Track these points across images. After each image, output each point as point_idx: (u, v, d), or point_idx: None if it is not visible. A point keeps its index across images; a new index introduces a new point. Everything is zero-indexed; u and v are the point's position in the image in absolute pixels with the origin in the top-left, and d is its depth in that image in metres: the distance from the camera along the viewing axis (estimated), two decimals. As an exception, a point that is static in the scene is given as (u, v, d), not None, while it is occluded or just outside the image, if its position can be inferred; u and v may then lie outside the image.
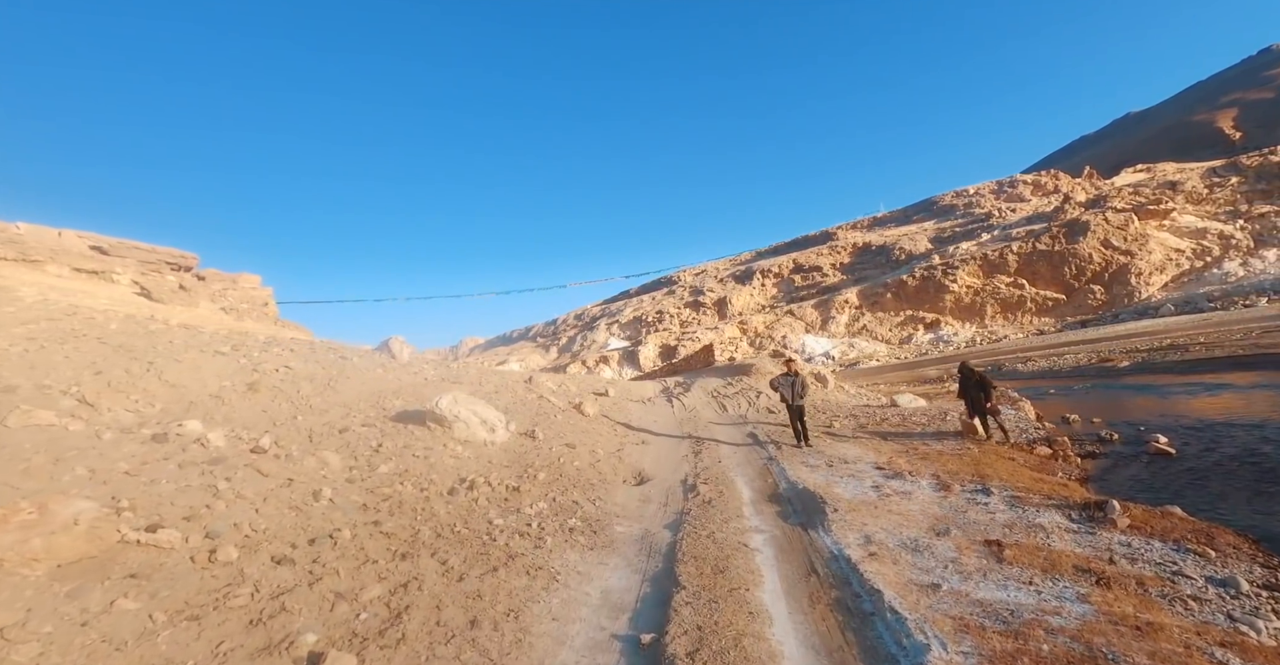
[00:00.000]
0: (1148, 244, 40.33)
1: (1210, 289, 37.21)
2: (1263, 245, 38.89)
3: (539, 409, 10.17)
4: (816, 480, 7.30)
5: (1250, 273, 37.52)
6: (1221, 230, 39.99)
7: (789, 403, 9.53)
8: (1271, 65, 74.17)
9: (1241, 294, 34.37)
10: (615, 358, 49.90)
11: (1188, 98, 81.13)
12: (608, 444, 9.28)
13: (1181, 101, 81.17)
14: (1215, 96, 71.40)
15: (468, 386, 10.28)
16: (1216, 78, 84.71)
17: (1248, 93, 68.66)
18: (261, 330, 19.86)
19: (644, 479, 7.91)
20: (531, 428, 8.67)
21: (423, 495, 5.79)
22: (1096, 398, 13.30)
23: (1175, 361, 15.80)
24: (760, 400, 14.52)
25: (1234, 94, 69.10)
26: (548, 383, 13.29)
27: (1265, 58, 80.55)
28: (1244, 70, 79.24)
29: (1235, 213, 40.24)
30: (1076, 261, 40.87)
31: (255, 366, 8.40)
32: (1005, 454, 8.37)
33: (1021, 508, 5.92)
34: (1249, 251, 38.76)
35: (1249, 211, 40.02)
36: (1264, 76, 70.85)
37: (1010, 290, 42.14)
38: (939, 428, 10.34)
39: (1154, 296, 39.30)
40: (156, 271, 24.66)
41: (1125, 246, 40.44)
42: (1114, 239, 40.61)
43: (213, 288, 26.82)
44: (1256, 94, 67.62)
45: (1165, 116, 75.82)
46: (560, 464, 7.50)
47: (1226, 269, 38.39)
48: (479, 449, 7.31)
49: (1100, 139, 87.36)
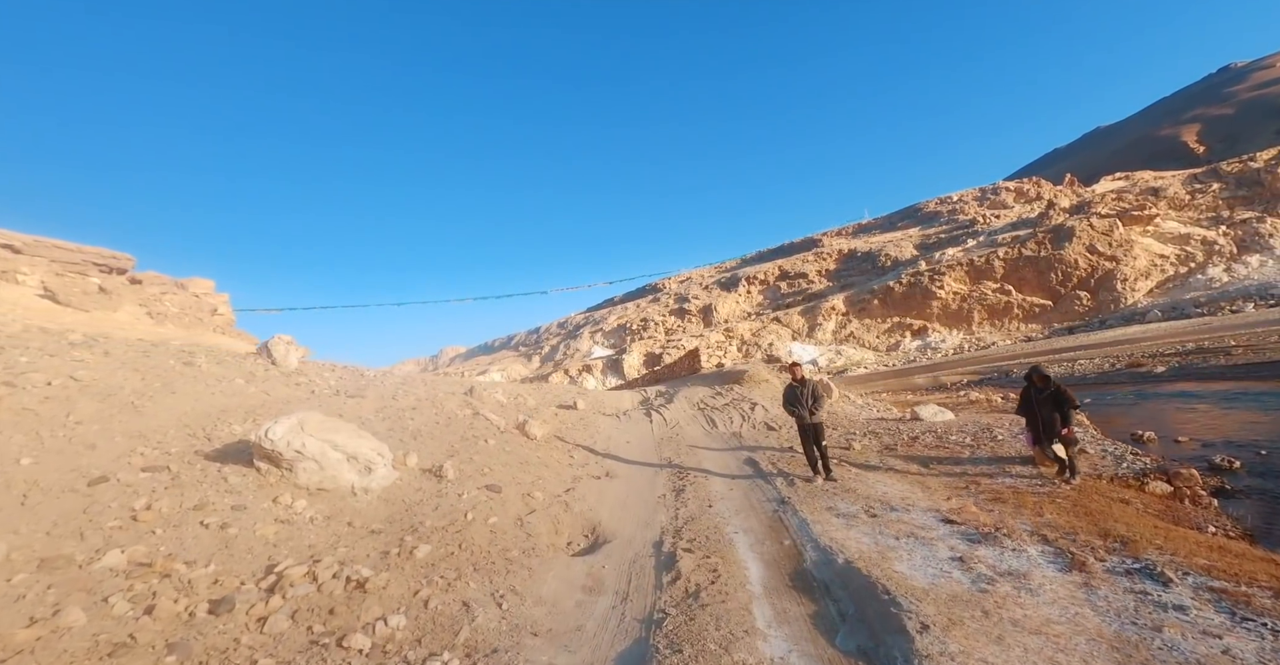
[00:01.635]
0: (1132, 250, 38.86)
1: (1196, 294, 35.77)
2: (1246, 251, 37.61)
3: (467, 431, 7.29)
4: (861, 546, 4.56)
5: (1235, 278, 36.16)
6: (1204, 236, 38.63)
7: (802, 421, 6.86)
8: (1230, 83, 74.54)
9: (1228, 299, 32.94)
10: (599, 366, 47.08)
11: (1154, 113, 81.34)
12: (555, 481, 6.46)
13: (1148, 116, 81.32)
14: (1179, 112, 71.38)
15: (371, 401, 7.43)
16: (1180, 94, 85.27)
17: (1209, 109, 68.63)
18: (178, 337, 16.74)
19: (598, 541, 5.12)
20: (442, 462, 5.82)
21: (160, 618, 2.95)
22: (1151, 409, 10.79)
23: (1221, 366, 13.42)
24: (755, 413, 11.79)
25: (1197, 110, 69.05)
26: (496, 395, 10.43)
27: (1224, 76, 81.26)
28: (1206, 87, 79.69)
29: (1217, 218, 38.96)
30: (1062, 267, 39.29)
31: (14, 377, 5.43)
32: (1111, 493, 5.73)
33: (1241, 610, 3.24)
34: (1232, 257, 37.40)
35: (1231, 217, 38.75)
36: (1224, 93, 71.01)
37: (997, 296, 40.37)
38: (993, 451, 7.68)
39: (1140, 302, 37.84)
40: (81, 273, 21.41)
41: (1110, 252, 38.93)
42: (1099, 245, 39.10)
43: (148, 291, 23.57)
44: (1218, 110, 67.60)
45: (1133, 131, 75.71)
46: (466, 524, 4.67)
47: (1211, 274, 37.00)
48: (337, 503, 4.49)
49: (1072, 152, 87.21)
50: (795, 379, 7.09)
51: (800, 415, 6.82)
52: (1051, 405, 6.42)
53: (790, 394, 7.02)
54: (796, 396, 6.91)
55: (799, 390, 6.93)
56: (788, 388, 7.11)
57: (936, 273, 40.82)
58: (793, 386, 7.04)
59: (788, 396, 7.03)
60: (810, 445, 6.83)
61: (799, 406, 6.84)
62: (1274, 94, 64.79)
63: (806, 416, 6.77)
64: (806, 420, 6.78)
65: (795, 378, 7.10)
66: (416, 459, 5.68)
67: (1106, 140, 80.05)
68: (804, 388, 6.91)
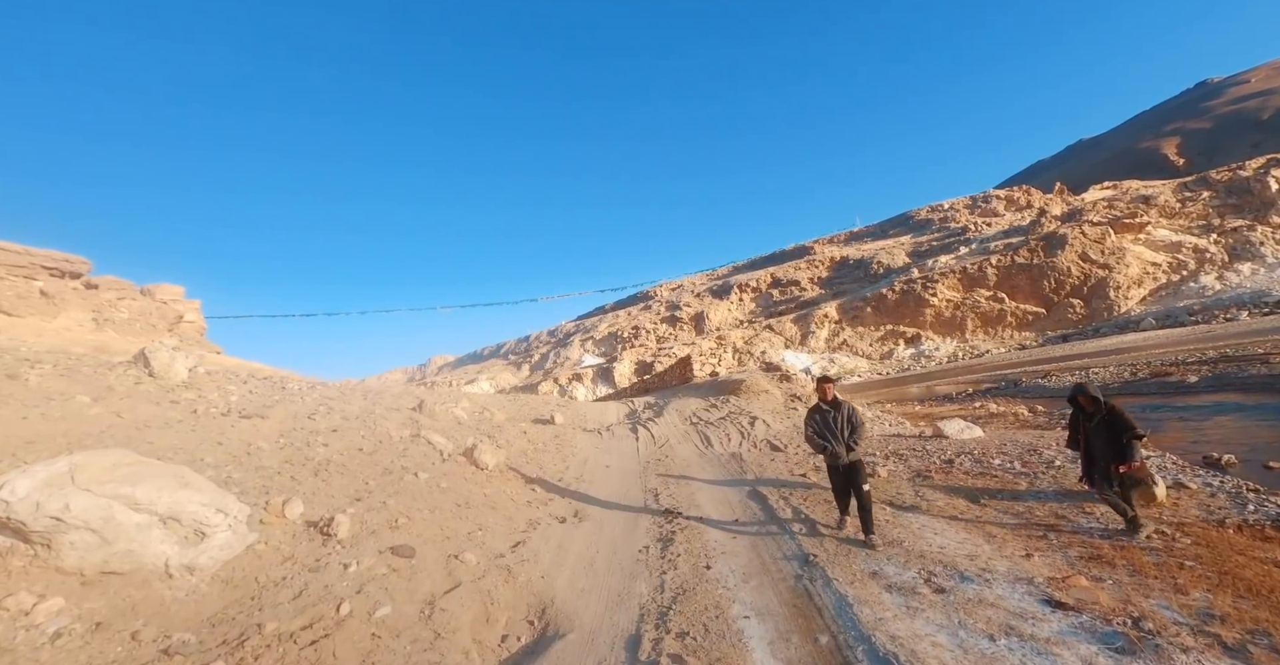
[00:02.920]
0: (1124, 257, 37.98)
1: (1189, 302, 34.88)
2: (1237, 258, 36.84)
3: (395, 462, 5.51)
4: (944, 656, 2.91)
5: (1227, 286, 35.35)
6: (1196, 244, 37.83)
7: (836, 460, 4.93)
8: (1207, 98, 74.93)
9: (1221, 307, 32.04)
10: (589, 375, 45.32)
11: (1134, 126, 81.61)
12: (500, 531, 4.75)
13: (1129, 129, 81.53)
14: (1159, 125, 71.50)
15: (274, 423, 5.67)
16: (1159, 108, 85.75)
17: (1188, 123, 68.75)
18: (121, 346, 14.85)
19: (546, 633, 3.43)
20: (340, 510, 4.09)
21: None
22: (1207, 425, 9.25)
23: (1263, 376, 11.96)
24: (756, 429, 10.14)
25: (1176, 123, 69.14)
26: (455, 411, 8.69)
27: (1201, 91, 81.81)
28: (1183, 102, 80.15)
29: (1208, 227, 38.17)
30: (1055, 275, 38.32)
31: None
32: (1258, 551, 4.11)
33: None
34: (1224, 265, 36.61)
35: (1221, 225, 37.98)
36: (1201, 108, 71.25)
37: (990, 304, 39.25)
38: (1056, 481, 6.05)
39: (1133, 310, 36.96)
40: (27, 276, 19.51)
41: (1103, 260, 38.05)
42: (1091, 252, 38.22)
43: (102, 297, 21.62)
44: (1195, 124, 67.71)
45: (1115, 143, 75.74)
46: (336, 622, 2.96)
47: (1203, 283, 36.18)
48: (130, 596, 2.77)
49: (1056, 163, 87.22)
50: (825, 400, 5.11)
51: (833, 451, 4.87)
52: (1105, 434, 4.58)
53: (818, 421, 5.06)
54: (828, 425, 4.97)
55: (830, 416, 4.99)
56: (813, 411, 5.15)
57: (929, 280, 39.66)
58: (821, 410, 5.08)
59: (814, 424, 5.08)
60: (845, 489, 4.99)
61: (831, 439, 4.91)
62: (1249, 109, 65.01)
63: (843, 454, 4.83)
64: (843, 459, 4.84)
65: (825, 398, 5.12)
66: (302, 508, 3.96)
67: (1090, 152, 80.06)
68: (837, 412, 4.99)
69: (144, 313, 21.98)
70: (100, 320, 18.65)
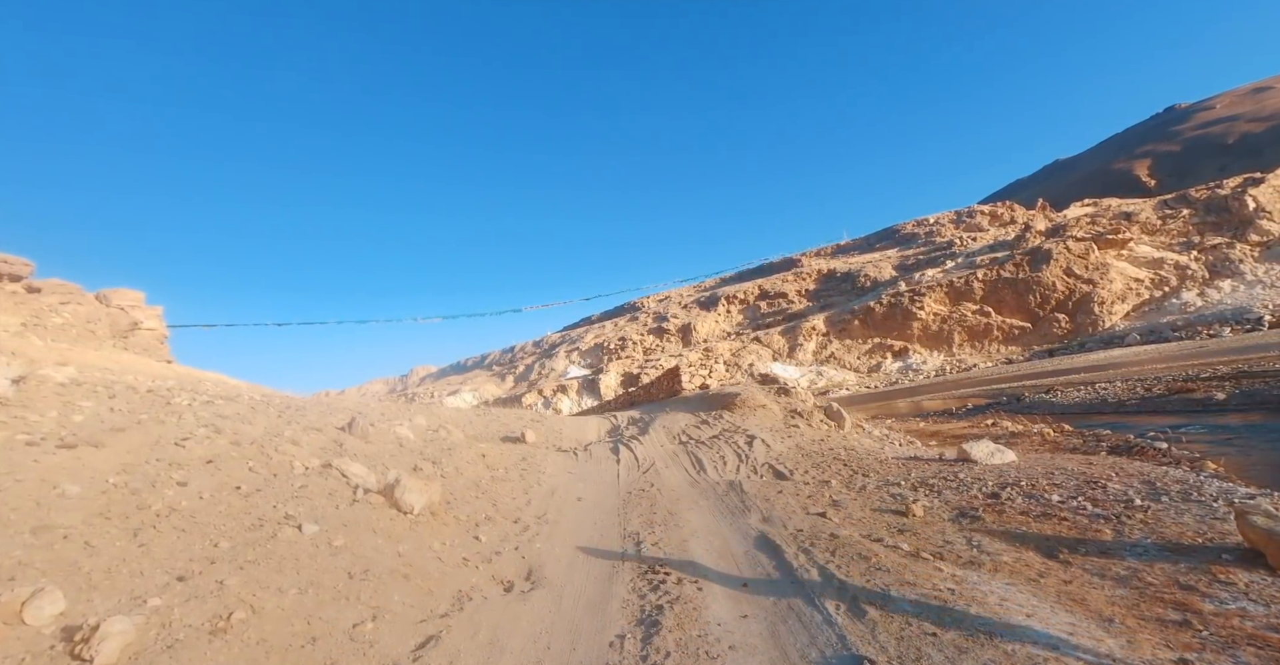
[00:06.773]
0: (1108, 273, 37.71)
1: (1172, 318, 34.56)
2: (1218, 275, 36.77)
3: (275, 509, 3.85)
4: None
5: (1209, 303, 35.14)
6: (1177, 260, 37.70)
7: None
8: (1176, 122, 76.67)
9: (1204, 323, 31.65)
10: (575, 387, 43.59)
11: (1108, 148, 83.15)
12: (399, 624, 3.17)
13: (1102, 151, 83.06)
14: (1131, 147, 72.81)
15: (113, 454, 3.96)
16: (1131, 131, 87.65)
17: (1158, 145, 70.06)
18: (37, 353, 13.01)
19: None
20: (112, 614, 2.51)
21: None
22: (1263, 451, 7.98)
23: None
24: (755, 450, 8.67)
25: (1147, 146, 70.43)
26: (400, 429, 7.07)
27: (1171, 115, 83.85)
28: (1153, 125, 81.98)
29: (1189, 244, 38.09)
30: (1040, 289, 37.88)
31: None
32: None
33: None
34: (1205, 281, 36.47)
35: (1201, 243, 37.93)
36: (1170, 131, 72.77)
37: (977, 318, 38.61)
38: (1151, 528, 4.64)
39: (1118, 325, 36.62)
40: (-47, 277, 17.49)
41: (1087, 275, 37.76)
42: (1076, 267, 37.91)
43: (43, 301, 19.61)
44: (1165, 147, 69.01)
45: (1090, 163, 77.00)
46: None
47: (1185, 299, 35.95)
48: None
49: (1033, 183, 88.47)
50: None
51: None
52: None
53: None
54: None
55: None
56: None
57: (916, 293, 38.93)
58: None
59: None
60: None
61: None
62: (1215, 133, 66.42)
63: None
64: None
65: None
66: (61, 605, 2.35)
67: (1066, 172, 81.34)
68: None
69: (88, 318, 19.94)
70: (30, 325, 16.73)
